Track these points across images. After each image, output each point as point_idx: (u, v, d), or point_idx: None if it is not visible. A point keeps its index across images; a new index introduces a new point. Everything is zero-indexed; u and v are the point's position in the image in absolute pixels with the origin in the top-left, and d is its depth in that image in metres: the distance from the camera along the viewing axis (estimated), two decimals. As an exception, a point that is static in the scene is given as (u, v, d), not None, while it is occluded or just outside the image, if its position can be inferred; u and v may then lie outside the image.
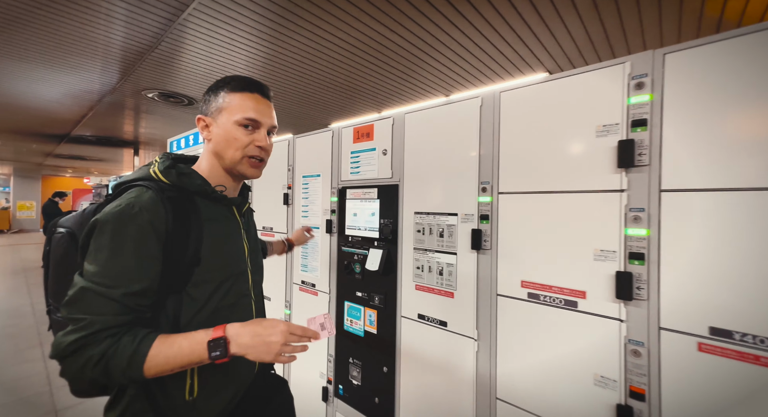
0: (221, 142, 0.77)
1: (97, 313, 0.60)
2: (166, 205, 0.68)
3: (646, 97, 0.87)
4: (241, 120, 0.76)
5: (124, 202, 0.66)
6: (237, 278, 0.80)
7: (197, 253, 0.71)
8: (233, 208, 0.84)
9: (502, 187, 1.16)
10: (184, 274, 0.69)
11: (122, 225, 0.63)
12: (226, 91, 0.78)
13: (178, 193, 0.72)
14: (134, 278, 0.63)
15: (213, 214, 0.77)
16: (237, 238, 0.83)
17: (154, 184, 0.71)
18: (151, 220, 0.65)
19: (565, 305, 1.01)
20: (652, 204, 0.87)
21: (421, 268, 1.39)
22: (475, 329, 1.21)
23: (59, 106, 4.69)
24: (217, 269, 0.75)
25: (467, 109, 1.25)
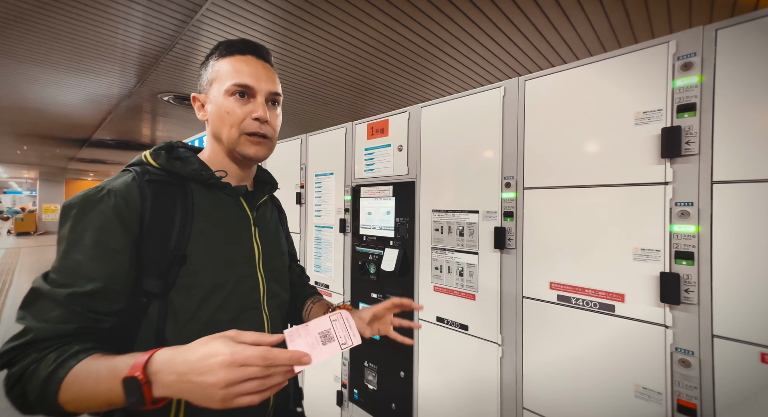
0: (216, 121, 0.65)
1: (36, 320, 0.48)
2: (144, 189, 0.57)
3: (695, 79, 0.78)
4: (230, 87, 0.63)
5: (97, 185, 0.57)
6: (239, 285, 0.64)
7: (182, 249, 0.58)
8: (241, 200, 0.70)
9: (527, 182, 1.08)
10: (165, 275, 0.56)
11: (84, 211, 0.53)
12: (215, 59, 0.66)
13: (166, 177, 0.61)
14: (86, 275, 0.50)
15: (211, 205, 0.64)
16: (242, 236, 0.68)
17: (140, 168, 0.61)
18: (117, 206, 0.54)
19: (601, 309, 0.93)
20: (703, 197, 0.78)
21: (439, 268, 1.32)
22: (498, 333, 1.14)
23: (79, 111, 4.81)
24: (208, 271, 0.60)
25: (489, 100, 1.18)
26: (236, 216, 0.68)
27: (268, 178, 0.81)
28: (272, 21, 2.54)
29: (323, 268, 1.85)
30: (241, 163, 0.69)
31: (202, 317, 0.59)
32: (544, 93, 1.05)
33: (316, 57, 3.10)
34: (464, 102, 1.25)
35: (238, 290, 0.64)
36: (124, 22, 2.52)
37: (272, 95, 0.67)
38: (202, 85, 0.68)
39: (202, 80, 0.68)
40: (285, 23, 2.57)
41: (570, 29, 2.64)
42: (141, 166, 0.62)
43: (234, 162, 0.69)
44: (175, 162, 0.64)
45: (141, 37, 2.75)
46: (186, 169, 0.63)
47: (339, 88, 3.91)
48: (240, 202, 0.70)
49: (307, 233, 1.95)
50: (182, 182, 0.63)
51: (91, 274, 0.51)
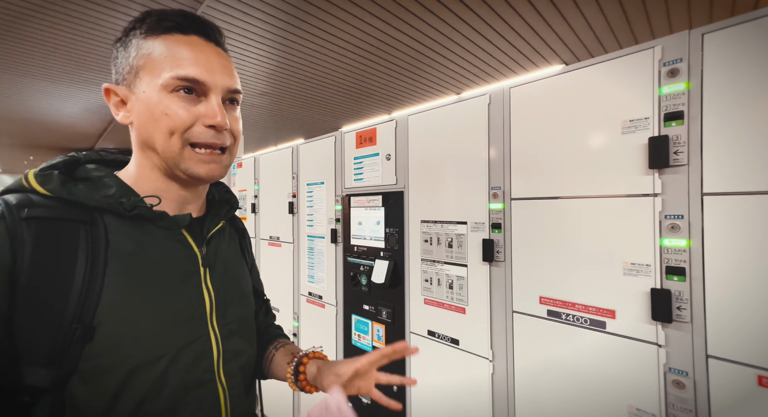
0: (147, 124, 0.46)
1: None
2: (18, 232, 0.39)
3: (682, 86, 0.75)
4: (170, 81, 0.45)
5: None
6: (179, 358, 0.46)
7: (86, 319, 0.40)
8: (184, 234, 0.51)
9: (515, 193, 1.04)
10: (59, 360, 0.38)
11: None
12: (141, 37, 0.46)
13: (59, 211, 0.42)
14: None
15: (135, 246, 0.46)
16: (185, 284, 0.49)
17: (18, 198, 0.42)
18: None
19: (591, 325, 0.89)
20: (693, 210, 0.74)
21: (429, 280, 1.29)
22: (489, 349, 1.10)
23: (81, 121, 4.86)
24: (128, 346, 0.42)
25: (474, 108, 1.14)
26: (176, 257, 0.49)
27: (224, 195, 0.62)
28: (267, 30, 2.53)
29: (316, 279, 1.83)
30: (183, 183, 0.50)
31: (121, 413, 0.41)
32: (530, 100, 1.01)
33: (312, 61, 3.08)
34: (450, 110, 1.22)
35: (176, 366, 0.45)
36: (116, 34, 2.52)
37: (230, 93, 0.50)
38: (120, 72, 0.48)
39: (119, 65, 0.48)
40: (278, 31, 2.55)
41: (566, 27, 2.59)
42: (21, 193, 0.43)
43: (174, 180, 0.50)
44: (77, 187, 0.44)
45: (134, 48, 2.75)
46: (95, 197, 0.44)
47: (336, 92, 3.89)
48: (182, 236, 0.51)
49: (300, 243, 1.93)
50: (90, 216, 0.44)
51: None
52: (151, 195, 0.48)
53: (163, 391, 0.44)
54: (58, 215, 0.42)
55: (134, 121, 0.48)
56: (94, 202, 0.44)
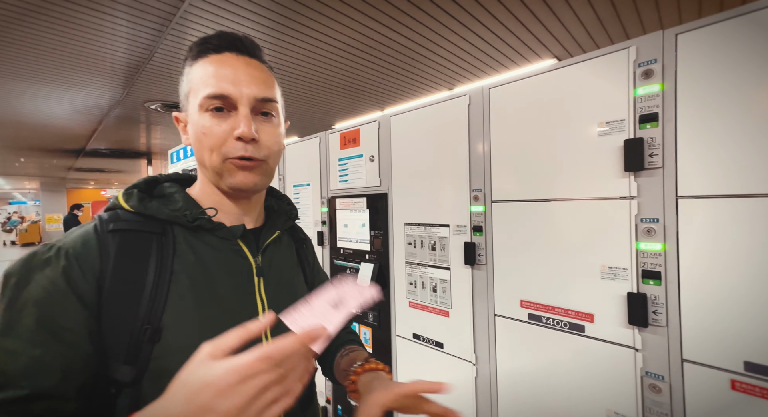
0: (195, 145, 0.50)
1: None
2: (106, 242, 0.43)
3: (656, 88, 0.73)
4: (203, 102, 0.47)
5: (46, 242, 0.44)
6: None
7: (154, 322, 0.43)
8: (240, 244, 0.53)
9: (495, 196, 1.03)
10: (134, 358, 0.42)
11: (25, 279, 0.40)
12: (189, 65, 0.51)
13: (138, 224, 0.47)
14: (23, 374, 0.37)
15: (198, 255, 0.49)
16: (239, 293, 0.51)
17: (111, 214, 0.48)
18: (68, 270, 0.41)
19: (571, 329, 0.89)
20: (668, 213, 0.73)
21: (414, 283, 1.28)
22: (473, 352, 1.10)
23: (70, 122, 4.80)
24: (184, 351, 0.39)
25: (455, 110, 1.13)
26: (232, 266, 0.51)
27: (284, 207, 0.63)
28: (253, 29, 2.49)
29: (304, 281, 1.82)
30: (233, 196, 0.53)
31: None
32: (509, 101, 1.00)
33: (302, 59, 3.05)
34: (432, 111, 1.20)
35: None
36: (100, 34, 2.48)
37: (260, 102, 0.49)
38: (181, 101, 0.53)
39: (180, 95, 0.53)
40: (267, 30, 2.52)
41: (555, 21, 2.56)
42: (113, 210, 0.49)
43: (225, 194, 0.53)
44: (151, 203, 0.49)
45: (120, 48, 2.71)
46: (164, 211, 0.48)
47: (328, 90, 3.86)
48: (238, 246, 0.53)
49: (288, 245, 1.92)
50: (162, 227, 0.48)
51: (32, 370, 0.37)
52: (210, 208, 0.51)
53: None
54: (136, 228, 0.46)
55: (190, 142, 0.52)
56: (164, 215, 0.48)
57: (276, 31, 2.54)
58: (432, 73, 3.47)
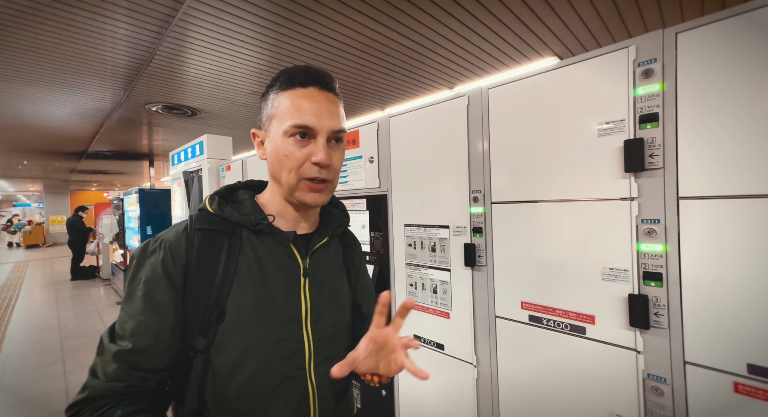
0: (274, 162, 0.58)
1: (95, 375, 0.50)
2: (192, 238, 0.55)
3: (656, 87, 0.72)
4: (289, 129, 0.55)
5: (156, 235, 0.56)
6: (276, 350, 0.56)
7: (221, 304, 0.54)
8: (291, 247, 0.60)
9: (495, 196, 1.03)
10: (206, 332, 0.53)
11: (141, 262, 0.54)
12: (275, 92, 0.58)
13: (217, 225, 0.57)
14: (133, 332, 0.50)
15: (258, 254, 0.58)
16: (287, 290, 0.58)
17: (200, 214, 0.59)
18: (165, 259, 0.53)
19: (572, 331, 0.88)
20: (669, 214, 0.72)
21: (414, 285, 1.28)
22: (473, 354, 1.09)
23: (72, 125, 4.82)
24: (240, 332, 0.54)
25: (454, 110, 1.12)
26: (284, 266, 0.59)
27: (338, 214, 0.70)
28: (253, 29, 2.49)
29: (305, 282, 1.82)
30: (298, 207, 0.62)
31: (236, 383, 0.54)
32: (508, 102, 0.99)
33: (301, 60, 3.05)
34: (431, 111, 1.20)
35: (274, 356, 0.56)
36: (100, 37, 2.49)
37: (335, 133, 0.58)
38: (261, 120, 0.61)
39: (261, 115, 0.61)
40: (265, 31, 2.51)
41: (556, 20, 2.54)
42: (203, 211, 0.60)
43: (290, 204, 0.61)
44: (227, 207, 0.59)
45: (120, 50, 2.72)
46: (235, 215, 0.58)
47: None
48: (290, 248, 0.60)
49: (288, 246, 1.92)
50: (233, 228, 0.58)
51: (137, 330, 0.51)
52: (270, 214, 0.60)
53: (266, 372, 0.55)
54: (215, 228, 0.57)
55: (268, 159, 0.60)
56: (235, 219, 0.58)
57: (274, 32, 2.54)
58: (432, 72, 3.46)
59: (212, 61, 3.00)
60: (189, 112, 4.41)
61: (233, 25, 2.42)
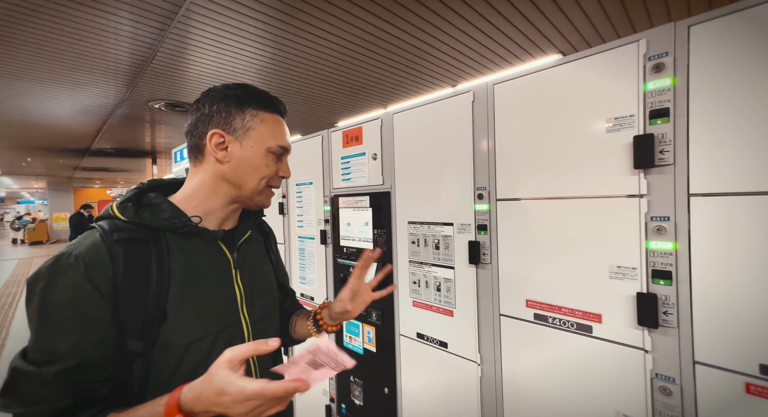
0: (245, 168, 0.63)
1: (31, 403, 0.48)
2: (114, 250, 0.54)
3: (667, 82, 0.71)
4: (275, 148, 0.65)
5: (61, 252, 0.53)
6: (220, 337, 0.61)
7: (161, 306, 0.56)
8: (220, 244, 0.66)
9: (500, 193, 1.01)
10: (147, 336, 0.55)
11: (53, 283, 0.51)
12: (255, 109, 0.64)
13: (135, 232, 0.57)
14: (70, 351, 0.49)
15: (187, 255, 0.61)
16: (222, 283, 0.64)
17: (108, 224, 0.57)
18: (88, 274, 0.52)
19: (578, 330, 0.87)
20: (680, 212, 0.71)
21: (417, 282, 1.27)
22: (477, 353, 1.08)
23: (75, 122, 4.83)
24: (182, 329, 0.58)
25: (459, 106, 1.11)
26: (215, 262, 0.64)
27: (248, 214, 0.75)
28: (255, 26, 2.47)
29: (308, 280, 1.81)
30: (233, 207, 0.68)
31: (181, 376, 0.57)
32: (514, 98, 0.97)
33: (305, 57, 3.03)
34: (434, 108, 1.18)
35: (218, 343, 0.61)
36: (103, 34, 2.48)
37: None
38: (231, 126, 0.62)
39: (232, 121, 0.63)
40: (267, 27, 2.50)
41: (560, 15, 2.52)
42: (109, 220, 0.58)
43: (229, 205, 0.67)
44: (144, 213, 0.59)
45: (123, 47, 2.72)
46: (156, 220, 0.59)
47: (331, 88, 3.84)
48: (219, 246, 0.66)
49: (291, 244, 1.92)
50: (155, 234, 0.59)
51: (74, 349, 0.50)
52: (195, 215, 0.63)
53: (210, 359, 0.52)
54: (136, 236, 0.57)
55: (230, 162, 0.63)
56: (156, 224, 0.59)
57: (278, 29, 2.53)
58: (435, 70, 3.44)
59: (215, 58, 2.99)
60: (191, 110, 4.41)
61: (236, 21, 2.41)
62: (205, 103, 0.64)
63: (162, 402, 0.47)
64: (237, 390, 0.43)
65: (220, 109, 0.63)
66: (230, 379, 0.44)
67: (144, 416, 0.48)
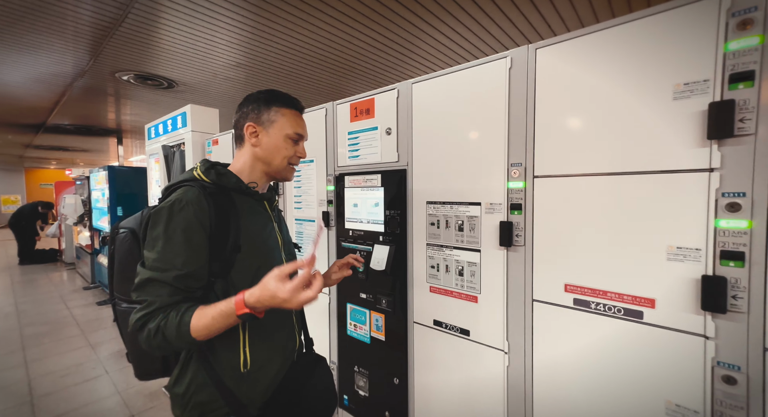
0: (271, 151, 0.85)
1: (155, 295, 0.69)
2: (208, 200, 0.74)
3: (755, 41, 0.64)
4: (292, 135, 0.86)
5: (173, 198, 0.73)
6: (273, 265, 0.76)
7: (237, 241, 0.77)
8: (264, 203, 0.90)
9: (539, 170, 0.93)
10: (227, 261, 0.75)
11: (172, 217, 0.71)
12: (278, 106, 0.85)
13: (217, 190, 0.78)
14: (184, 263, 0.70)
15: (248, 208, 0.84)
16: (270, 229, 0.88)
17: (197, 184, 0.77)
18: (196, 213, 0.72)
19: (626, 315, 0.81)
20: (758, 187, 0.65)
21: (436, 267, 1.18)
22: (504, 340, 1.01)
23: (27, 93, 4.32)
24: (256, 256, 0.80)
25: (492, 74, 1.01)
26: (264, 215, 0.88)
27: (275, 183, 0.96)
28: None
29: (305, 266, 1.68)
30: (270, 179, 0.90)
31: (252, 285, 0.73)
32: (560, 64, 0.88)
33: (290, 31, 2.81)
34: (462, 76, 1.08)
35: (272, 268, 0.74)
36: (62, -14, 2.16)
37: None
38: (261, 120, 0.84)
39: (261, 116, 0.84)
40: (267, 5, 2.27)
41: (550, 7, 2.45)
42: (196, 182, 0.78)
43: (265, 177, 0.89)
44: (221, 178, 0.81)
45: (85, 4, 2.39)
46: (230, 183, 0.82)
47: (316, 67, 3.62)
48: (264, 204, 0.90)
49: (286, 227, 1.77)
50: (227, 193, 0.80)
51: (187, 262, 0.70)
52: (252, 181, 0.86)
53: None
54: (217, 192, 0.78)
55: (260, 146, 0.85)
56: (230, 185, 0.82)
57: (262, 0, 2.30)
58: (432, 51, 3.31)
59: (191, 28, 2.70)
60: (165, 84, 4.05)
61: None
62: (246, 105, 0.86)
63: (232, 301, 0.67)
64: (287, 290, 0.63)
65: (254, 107, 0.85)
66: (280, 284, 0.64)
67: (221, 308, 0.67)
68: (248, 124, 0.84)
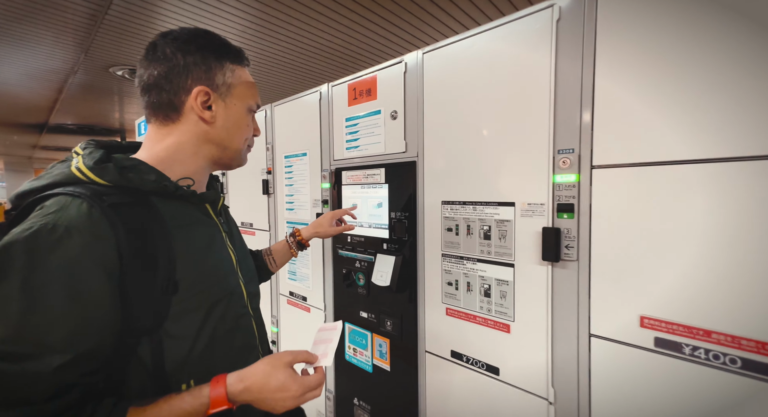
0: (231, 130, 0.59)
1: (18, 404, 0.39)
2: (110, 216, 0.45)
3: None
4: (254, 107, 0.62)
5: (36, 223, 0.42)
6: (231, 296, 0.60)
7: (171, 276, 0.50)
8: (207, 207, 0.61)
9: (599, 158, 0.68)
10: (156, 310, 0.49)
11: (36, 260, 0.41)
12: (230, 63, 0.58)
13: (122, 196, 0.48)
14: (66, 340, 0.41)
15: (181, 219, 0.55)
16: (221, 246, 0.61)
17: (84, 189, 0.47)
18: (88, 245, 0.43)
19: (743, 368, 0.55)
20: None
21: (454, 284, 0.93)
22: (549, 386, 0.77)
23: (23, 91, 4.21)
24: (204, 291, 0.55)
25: (528, 33, 0.76)
26: (208, 225, 0.60)
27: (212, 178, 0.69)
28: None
29: (299, 276, 1.45)
30: (215, 169, 0.64)
31: (203, 339, 0.54)
32: (631, 17, 0.63)
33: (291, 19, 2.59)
34: (488, 39, 0.83)
35: (230, 301, 0.59)
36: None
37: None
38: (215, 83, 0.56)
39: (215, 77, 0.56)
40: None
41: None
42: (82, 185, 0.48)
43: (210, 167, 0.62)
44: (128, 175, 0.50)
45: (69, -10, 2.21)
46: (146, 183, 0.51)
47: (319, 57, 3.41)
48: (206, 209, 0.61)
49: (278, 231, 1.54)
50: (142, 198, 0.51)
51: (77, 334, 0.42)
52: (187, 177, 0.57)
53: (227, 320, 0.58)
54: (125, 200, 0.49)
55: (214, 122, 0.57)
56: (147, 187, 0.51)
57: None
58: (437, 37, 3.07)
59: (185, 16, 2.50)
60: (161, 79, 3.88)
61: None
62: (176, 51, 0.54)
63: (203, 393, 0.47)
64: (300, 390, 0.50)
65: (197, 61, 0.55)
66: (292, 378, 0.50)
67: (185, 409, 0.45)
68: (199, 88, 0.54)
